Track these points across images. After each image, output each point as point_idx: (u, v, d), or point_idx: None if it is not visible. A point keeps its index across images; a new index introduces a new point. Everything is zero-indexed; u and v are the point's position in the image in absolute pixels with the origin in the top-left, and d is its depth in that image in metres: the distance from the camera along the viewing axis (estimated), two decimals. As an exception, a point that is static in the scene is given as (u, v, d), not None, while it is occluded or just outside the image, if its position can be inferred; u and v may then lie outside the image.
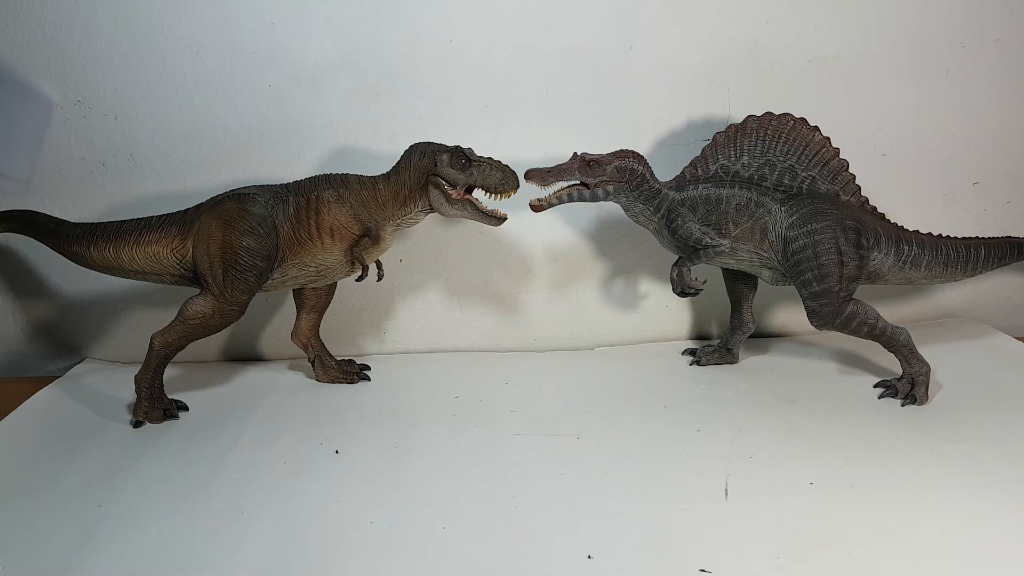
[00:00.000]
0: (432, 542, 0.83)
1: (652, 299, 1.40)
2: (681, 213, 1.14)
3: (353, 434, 1.07)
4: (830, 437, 1.04)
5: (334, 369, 1.25)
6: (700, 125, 1.30)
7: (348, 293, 1.32)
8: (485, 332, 1.39)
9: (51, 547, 0.83)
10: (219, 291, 1.06)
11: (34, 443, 1.06)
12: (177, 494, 0.93)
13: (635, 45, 1.27)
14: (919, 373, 1.14)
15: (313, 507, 0.90)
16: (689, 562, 0.79)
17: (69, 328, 1.34)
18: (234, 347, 1.37)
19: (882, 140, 1.35)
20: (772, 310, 1.44)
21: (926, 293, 1.47)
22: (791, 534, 0.84)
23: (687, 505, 0.89)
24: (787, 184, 1.15)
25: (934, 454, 0.99)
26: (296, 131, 1.26)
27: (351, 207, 1.10)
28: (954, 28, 1.31)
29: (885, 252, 1.16)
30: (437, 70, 1.26)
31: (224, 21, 1.21)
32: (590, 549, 0.82)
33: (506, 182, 1.07)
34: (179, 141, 1.25)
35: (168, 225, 1.10)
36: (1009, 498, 0.89)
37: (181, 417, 1.12)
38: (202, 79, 1.23)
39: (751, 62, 1.29)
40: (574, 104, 1.29)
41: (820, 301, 1.11)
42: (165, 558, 0.81)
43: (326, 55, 1.23)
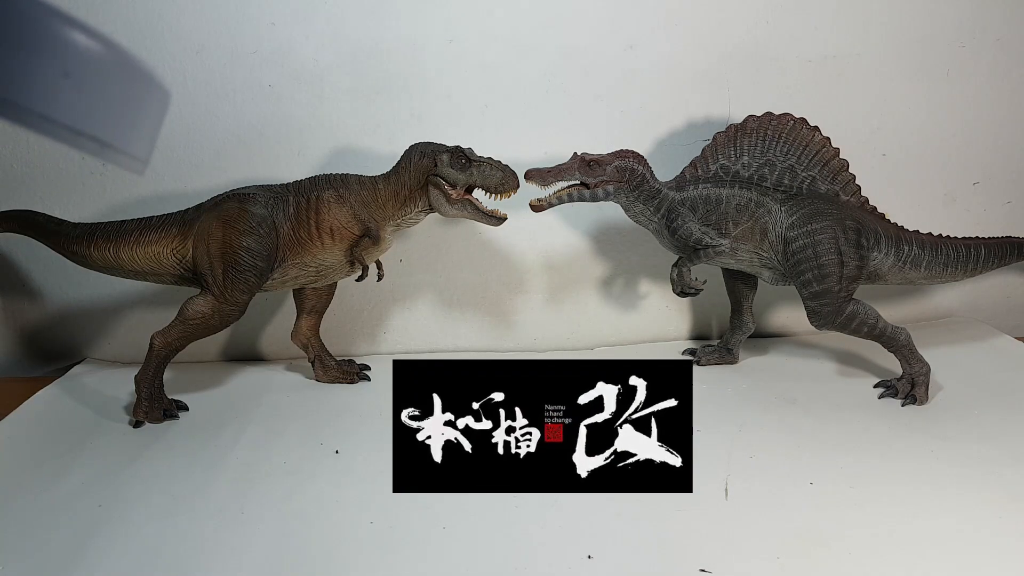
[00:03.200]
0: (432, 542, 0.83)
1: (652, 299, 1.40)
2: (681, 213, 1.14)
3: (353, 434, 1.07)
4: (830, 437, 1.04)
5: (334, 369, 1.25)
6: (700, 125, 1.30)
7: (348, 293, 1.32)
8: (485, 332, 1.39)
9: (51, 547, 0.83)
10: (219, 291, 1.06)
11: (34, 443, 1.06)
12: (177, 494, 0.93)
13: (635, 45, 1.27)
14: (919, 373, 1.14)
15: (313, 507, 0.90)
16: (689, 562, 0.79)
17: (69, 328, 1.34)
18: (234, 347, 1.37)
19: (882, 140, 1.35)
20: (772, 310, 1.44)
21: (926, 293, 1.47)
22: (791, 534, 0.84)
23: (687, 505, 0.89)
24: (787, 184, 1.15)
25: (934, 454, 0.99)
26: (296, 131, 1.26)
27: (351, 207, 1.10)
28: (954, 28, 1.31)
29: (885, 252, 1.16)
30: (437, 70, 1.26)
31: (224, 21, 1.21)
32: (590, 549, 0.81)
33: (506, 182, 1.07)
34: (179, 141, 1.25)
35: (168, 225, 1.10)
36: (1009, 498, 0.89)
37: (181, 417, 1.12)
38: (202, 79, 1.23)
39: (751, 62, 1.29)
40: (574, 104, 1.29)
41: (820, 301, 1.11)
42: (165, 558, 0.82)
43: (326, 55, 1.23)
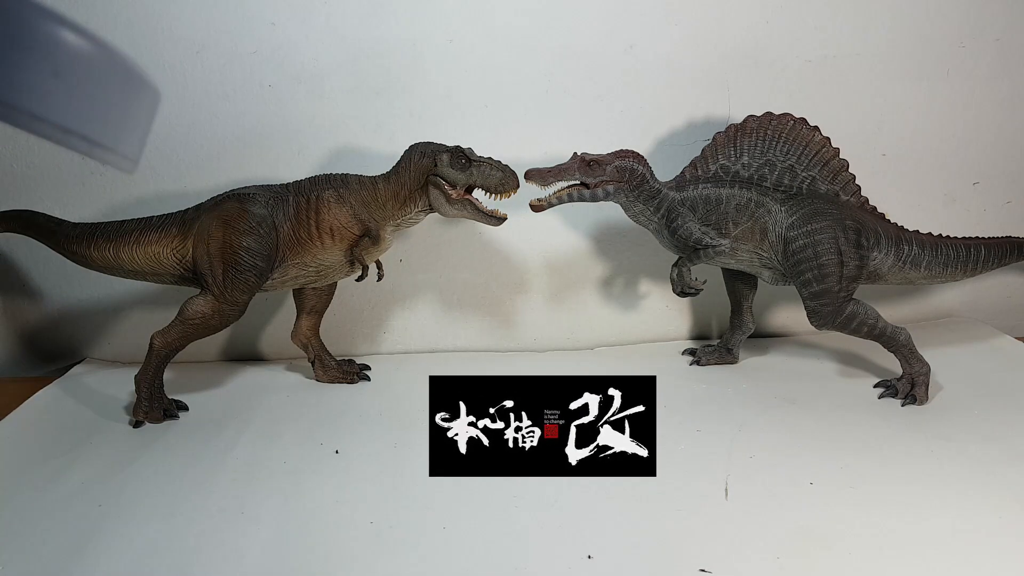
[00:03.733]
0: (432, 542, 0.84)
1: (652, 299, 1.40)
2: (681, 213, 1.14)
3: (353, 434, 1.07)
4: (830, 437, 1.04)
5: (334, 369, 1.25)
6: (700, 125, 1.30)
7: (348, 293, 1.32)
8: (485, 332, 1.39)
9: (51, 547, 0.83)
10: (219, 291, 1.06)
11: (34, 443, 1.06)
12: (177, 494, 0.93)
13: (635, 45, 1.27)
14: (919, 373, 1.14)
15: (313, 507, 0.90)
16: (689, 562, 0.79)
17: (69, 328, 1.34)
18: (234, 347, 1.37)
19: (882, 140, 1.35)
20: (772, 310, 1.44)
21: (926, 293, 1.47)
22: (791, 534, 0.84)
23: (687, 505, 0.89)
24: (787, 184, 1.15)
25: (934, 454, 0.99)
26: (296, 131, 1.26)
27: (351, 207, 1.10)
28: (954, 28, 1.31)
29: (885, 252, 1.16)
30: (437, 70, 1.25)
31: (224, 21, 1.21)
32: (590, 549, 0.82)
33: (506, 182, 1.07)
34: (179, 141, 1.25)
35: (168, 225, 1.10)
36: (1009, 498, 0.89)
37: (181, 417, 1.12)
38: (202, 79, 1.23)
39: (751, 62, 1.29)
40: (574, 104, 1.29)
41: (820, 301, 1.11)
42: (165, 558, 0.82)
43: (326, 55, 1.23)
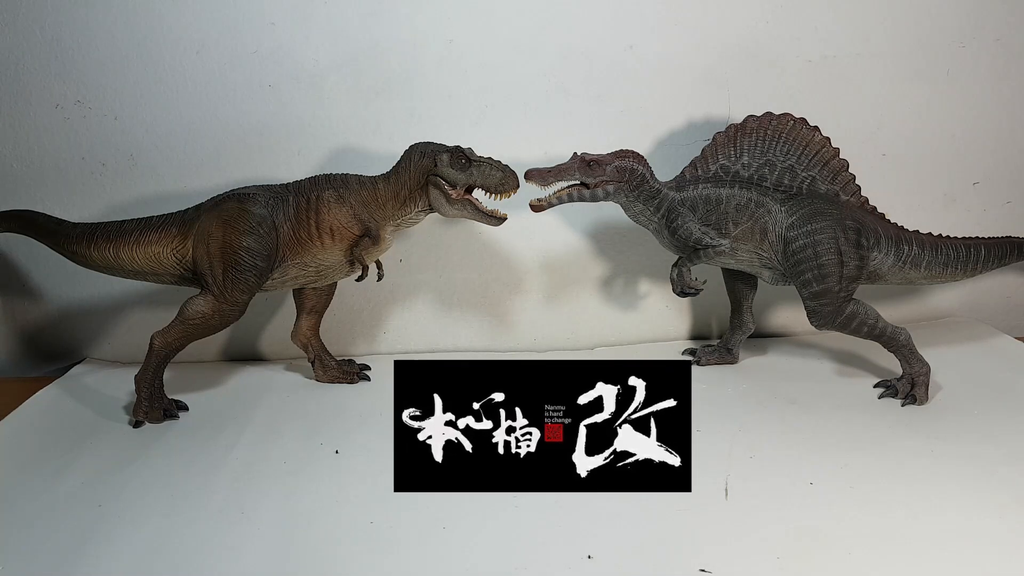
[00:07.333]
0: (432, 542, 0.83)
1: (652, 299, 1.40)
2: (681, 213, 1.14)
3: (353, 434, 1.07)
4: (830, 437, 1.04)
5: (334, 369, 1.25)
6: (700, 125, 1.30)
7: (348, 293, 1.32)
8: (485, 332, 1.39)
9: (51, 547, 0.83)
10: (219, 291, 1.06)
11: (34, 443, 1.06)
12: (177, 494, 0.93)
13: (635, 45, 1.27)
14: (919, 373, 1.14)
15: (313, 507, 0.90)
16: (689, 562, 0.79)
17: (69, 328, 1.34)
18: (234, 347, 1.37)
19: (882, 140, 1.35)
20: (772, 310, 1.44)
21: (926, 293, 1.47)
22: (791, 534, 0.84)
23: (687, 505, 0.89)
24: (787, 184, 1.15)
25: (934, 454, 0.99)
26: (296, 131, 1.26)
27: (351, 207, 1.10)
28: (954, 28, 1.31)
29: (885, 252, 1.16)
30: (437, 70, 1.26)
31: (224, 21, 1.21)
32: (590, 549, 0.81)
33: (506, 182, 1.07)
34: (179, 141, 1.25)
35: (168, 225, 1.10)
36: (1009, 498, 0.89)
37: (181, 417, 1.12)
38: (202, 79, 1.23)
39: (751, 62, 1.29)
40: (574, 104, 1.29)
41: (820, 301, 1.11)
42: (165, 558, 0.82)
43: (326, 55, 1.23)
